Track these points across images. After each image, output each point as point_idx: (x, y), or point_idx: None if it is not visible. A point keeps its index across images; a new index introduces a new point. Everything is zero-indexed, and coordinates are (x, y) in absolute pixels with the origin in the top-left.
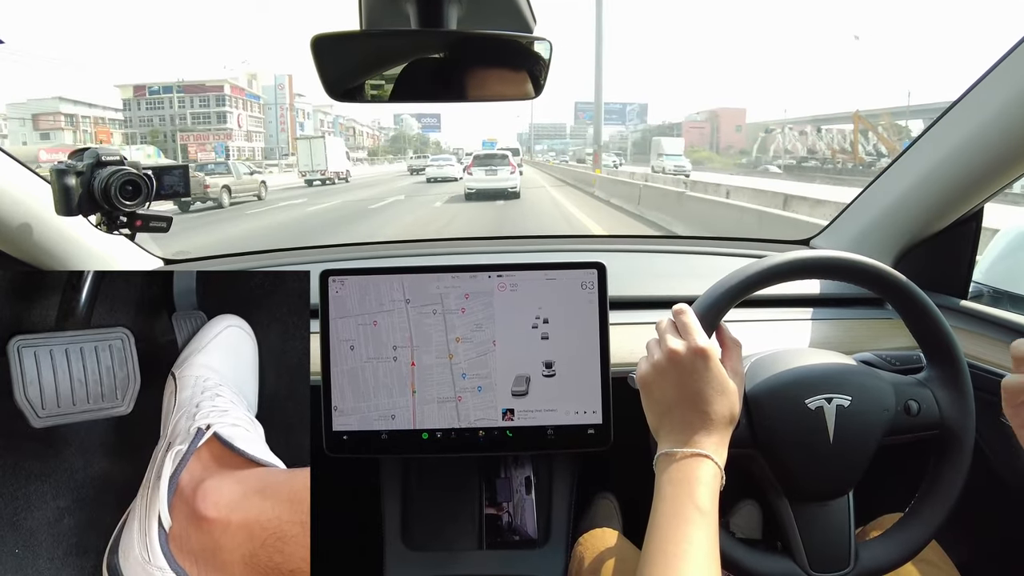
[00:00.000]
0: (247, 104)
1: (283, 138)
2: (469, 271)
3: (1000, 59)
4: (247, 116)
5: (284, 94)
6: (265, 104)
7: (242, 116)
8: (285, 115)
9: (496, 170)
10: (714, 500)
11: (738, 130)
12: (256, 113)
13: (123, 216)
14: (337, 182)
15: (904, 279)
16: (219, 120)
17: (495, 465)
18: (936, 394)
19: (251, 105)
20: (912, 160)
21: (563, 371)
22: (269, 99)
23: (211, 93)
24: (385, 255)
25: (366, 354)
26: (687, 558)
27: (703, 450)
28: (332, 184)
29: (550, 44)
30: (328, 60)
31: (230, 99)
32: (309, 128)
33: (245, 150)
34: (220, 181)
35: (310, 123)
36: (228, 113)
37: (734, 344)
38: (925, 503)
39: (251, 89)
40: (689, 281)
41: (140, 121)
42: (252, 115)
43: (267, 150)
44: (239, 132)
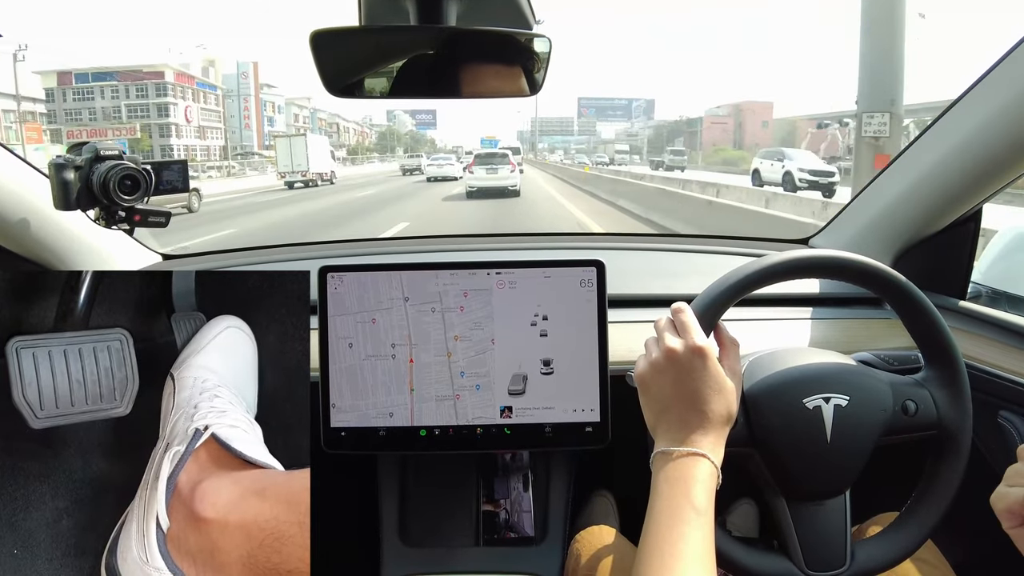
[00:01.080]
0: (199, 95)
1: (248, 135)
2: (468, 268)
3: (1000, 59)
4: (199, 109)
5: (248, 84)
6: (226, 96)
7: (191, 109)
8: (250, 108)
9: (497, 168)
10: (710, 499)
11: (764, 126)
12: (213, 106)
13: (122, 211)
14: (320, 184)
15: (903, 279)
16: (160, 113)
17: (492, 462)
18: (934, 394)
19: (205, 96)
20: (911, 160)
21: (561, 369)
22: (232, 90)
23: (149, 81)
24: (384, 251)
25: (364, 352)
26: (683, 557)
27: (700, 449)
28: (315, 186)
29: (549, 41)
30: (327, 56)
31: (174, 88)
32: (280, 123)
33: (197, 149)
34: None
35: (281, 118)
36: (171, 105)
37: (732, 343)
38: (921, 503)
39: (207, 78)
40: (688, 279)
41: (66, 115)
42: (207, 108)
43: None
44: (188, 127)
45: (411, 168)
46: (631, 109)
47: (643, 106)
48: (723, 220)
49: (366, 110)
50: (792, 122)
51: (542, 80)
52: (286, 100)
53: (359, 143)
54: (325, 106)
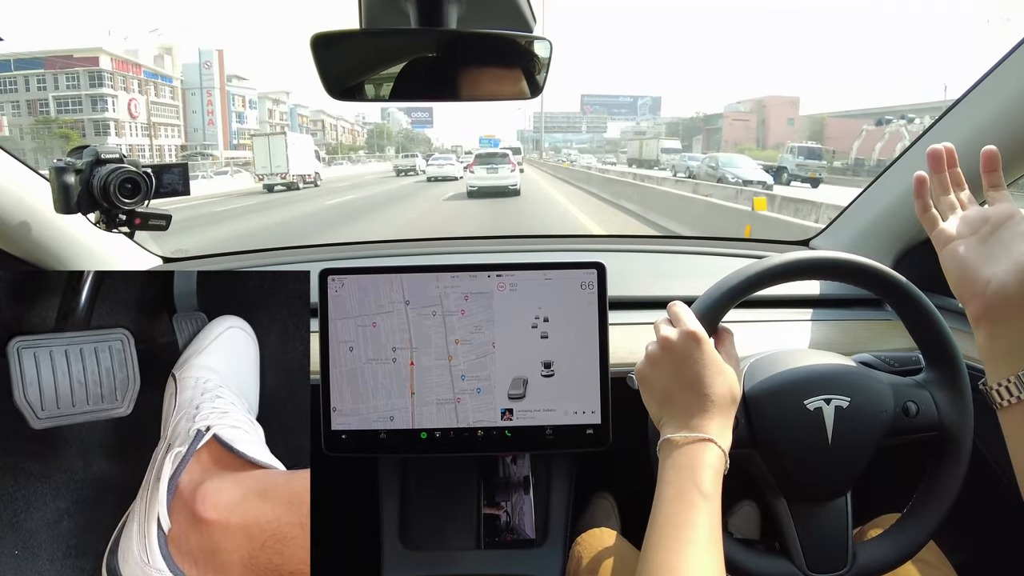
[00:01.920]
0: (149, 86)
1: (211, 133)
2: (469, 270)
3: (1001, 59)
4: (147, 102)
5: (213, 75)
6: (188, 89)
7: (136, 102)
8: (214, 102)
9: (497, 168)
10: (717, 483)
11: (790, 123)
12: (168, 99)
13: (122, 214)
14: (303, 187)
15: (903, 280)
16: (96, 106)
17: (493, 465)
18: (935, 396)
19: (158, 88)
20: (912, 160)
21: (562, 371)
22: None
23: (80, 68)
24: (384, 254)
25: (365, 356)
26: (691, 542)
27: (705, 433)
28: (296, 189)
29: (550, 43)
30: (327, 59)
31: (112, 77)
32: (252, 120)
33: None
34: None
35: (254, 114)
36: (109, 97)
37: (725, 331)
38: (923, 504)
39: (160, 68)
40: (689, 281)
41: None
42: (161, 102)
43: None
44: (133, 124)
45: (406, 168)
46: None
47: (649, 103)
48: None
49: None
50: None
51: (543, 83)
52: (259, 94)
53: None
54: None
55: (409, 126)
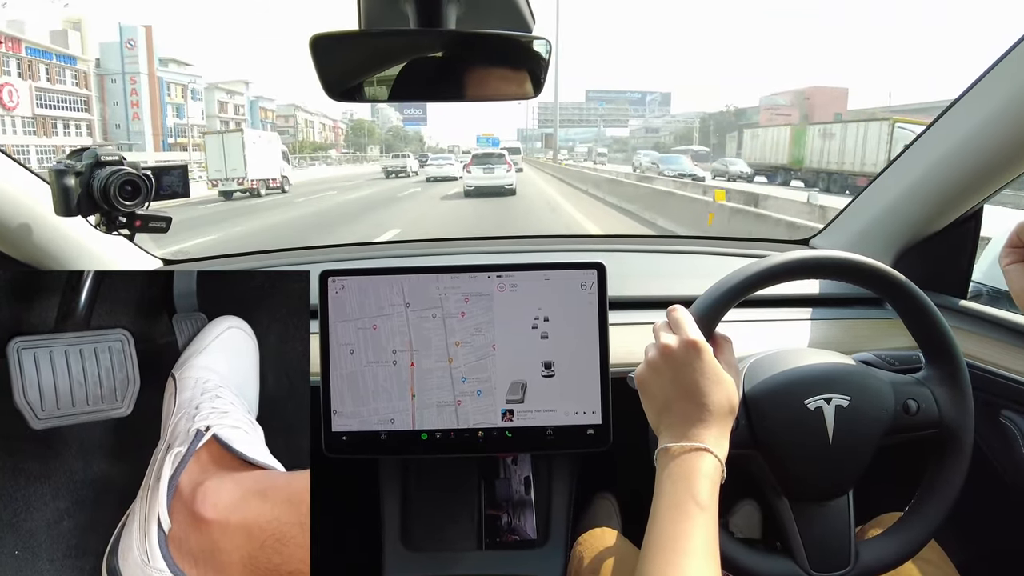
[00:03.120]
0: (38, 67)
1: (135, 129)
2: (469, 271)
3: (999, 58)
4: (33, 88)
5: (137, 57)
6: (106, 74)
7: (15, 89)
8: (140, 92)
9: (493, 168)
10: (714, 494)
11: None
12: (71, 86)
13: (122, 216)
14: (264, 193)
15: (903, 278)
16: None
17: (494, 465)
18: (935, 394)
19: (54, 71)
20: (912, 159)
21: (562, 371)
22: (113, 67)
23: None
24: (384, 255)
25: (365, 358)
26: (687, 553)
27: (702, 443)
28: (257, 197)
29: (548, 43)
30: (327, 60)
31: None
32: (195, 114)
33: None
34: None
35: (198, 106)
36: None
37: (724, 339)
38: (924, 502)
39: (62, 47)
40: (689, 281)
41: None
42: (59, 89)
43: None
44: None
45: (396, 170)
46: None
47: (658, 99)
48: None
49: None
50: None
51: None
52: (208, 84)
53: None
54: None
55: (400, 123)
